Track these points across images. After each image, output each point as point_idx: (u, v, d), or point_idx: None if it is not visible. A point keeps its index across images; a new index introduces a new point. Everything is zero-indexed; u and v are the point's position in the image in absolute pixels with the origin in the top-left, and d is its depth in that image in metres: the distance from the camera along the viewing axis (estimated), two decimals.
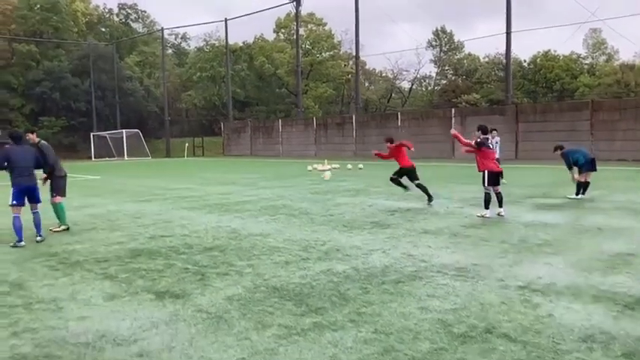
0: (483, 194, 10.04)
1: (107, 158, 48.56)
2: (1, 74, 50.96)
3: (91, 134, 51.16)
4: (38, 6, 53.56)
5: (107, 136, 50.83)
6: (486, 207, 9.86)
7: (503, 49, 36.43)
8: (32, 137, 9.11)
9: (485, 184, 10.02)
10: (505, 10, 31.90)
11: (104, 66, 54.55)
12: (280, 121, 46.16)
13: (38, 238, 8.40)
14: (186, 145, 47.62)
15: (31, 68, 52.04)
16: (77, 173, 26.17)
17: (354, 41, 42.23)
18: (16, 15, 52.69)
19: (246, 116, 58.06)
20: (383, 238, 8.07)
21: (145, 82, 59.89)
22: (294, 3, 43.94)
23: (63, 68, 52.09)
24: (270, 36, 63.11)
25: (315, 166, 24.53)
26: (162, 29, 54.25)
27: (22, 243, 8.12)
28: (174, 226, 9.67)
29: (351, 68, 58.37)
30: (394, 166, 12.18)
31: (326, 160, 26.72)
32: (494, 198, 10.00)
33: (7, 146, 8.55)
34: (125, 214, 11.41)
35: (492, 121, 26.54)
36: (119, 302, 5.21)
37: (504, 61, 36.90)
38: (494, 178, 10.16)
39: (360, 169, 23.80)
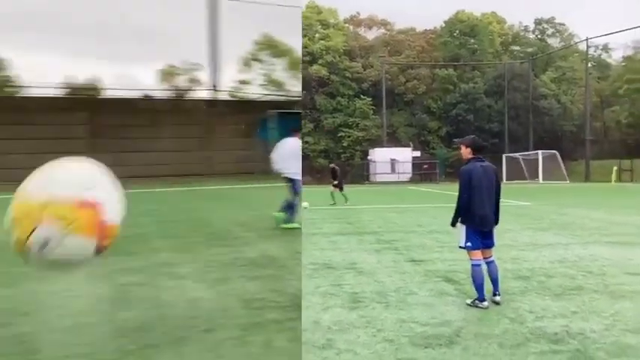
0: None
1: (518, 181, 46.06)
2: (423, 99, 54.81)
3: (503, 155, 49.65)
4: (457, 31, 55.70)
5: (520, 157, 48.40)
6: None
7: None
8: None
9: None
10: None
11: (518, 85, 52.68)
12: None
13: (497, 298, 5.82)
14: (614, 168, 41.08)
15: (448, 92, 54.25)
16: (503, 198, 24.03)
17: None
18: (438, 42, 56.01)
19: None
20: None
21: (561, 99, 55.41)
22: None
23: (478, 89, 52.64)
24: None
25: None
26: (586, 39, 48.72)
27: (485, 304, 5.66)
28: None
29: None
30: None
31: None
32: None
33: (464, 167, 6.22)
34: (609, 264, 7.94)
35: None
36: None
37: None
38: None
39: None
